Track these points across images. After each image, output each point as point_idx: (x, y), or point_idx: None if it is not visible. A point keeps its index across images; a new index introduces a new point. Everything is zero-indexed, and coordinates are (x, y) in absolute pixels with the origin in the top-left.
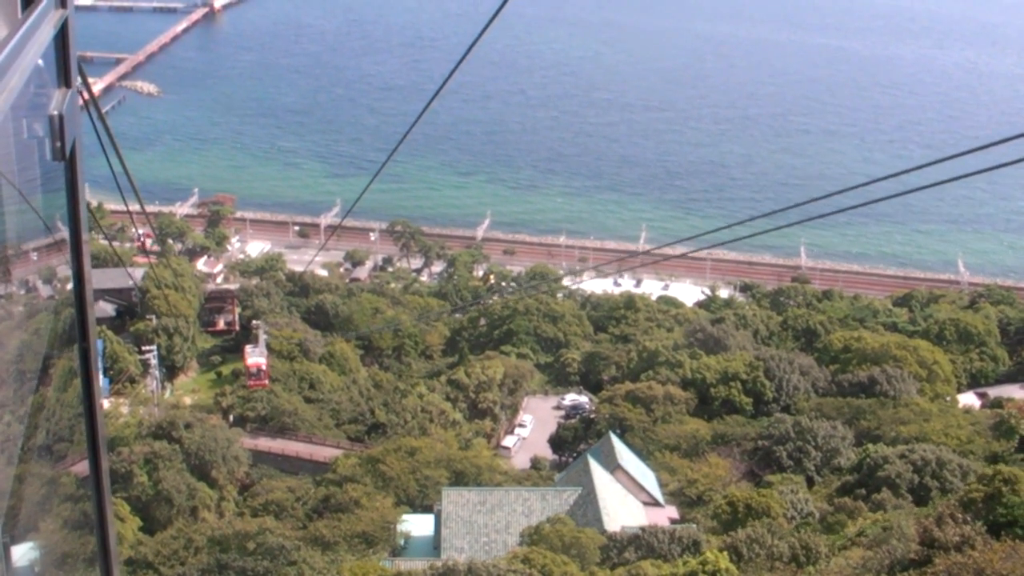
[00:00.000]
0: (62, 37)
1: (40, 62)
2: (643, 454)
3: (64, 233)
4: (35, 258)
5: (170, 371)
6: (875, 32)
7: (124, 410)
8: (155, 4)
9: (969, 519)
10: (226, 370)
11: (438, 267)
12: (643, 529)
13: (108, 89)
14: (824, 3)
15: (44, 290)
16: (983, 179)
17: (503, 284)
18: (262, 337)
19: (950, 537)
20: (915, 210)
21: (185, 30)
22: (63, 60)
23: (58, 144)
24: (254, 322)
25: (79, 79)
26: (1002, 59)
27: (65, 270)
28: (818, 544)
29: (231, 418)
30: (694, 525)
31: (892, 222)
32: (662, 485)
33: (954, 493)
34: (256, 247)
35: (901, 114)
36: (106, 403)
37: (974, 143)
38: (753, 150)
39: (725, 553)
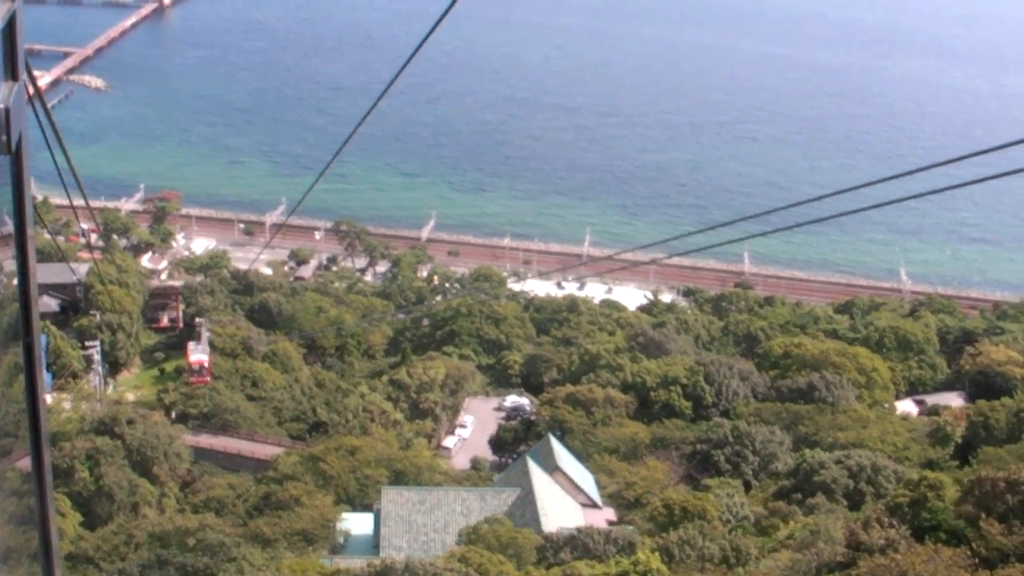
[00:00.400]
0: (9, 30)
1: None
2: (582, 456)
3: (9, 227)
4: None
5: (113, 367)
6: (825, 41)
7: (67, 405)
8: None
9: (895, 523)
10: (169, 367)
11: (383, 267)
12: (579, 530)
13: (55, 83)
14: (775, 12)
15: None
16: (925, 187)
17: (448, 285)
18: (205, 335)
19: (875, 541)
20: (859, 218)
21: (134, 25)
22: (10, 53)
23: (3, 138)
24: (197, 320)
25: (26, 73)
26: (949, 71)
27: (10, 264)
28: (748, 546)
29: (173, 415)
30: (631, 527)
31: (836, 230)
32: (600, 487)
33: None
34: (201, 244)
35: (848, 123)
36: (49, 398)
37: (919, 154)
38: (700, 157)
39: (657, 554)
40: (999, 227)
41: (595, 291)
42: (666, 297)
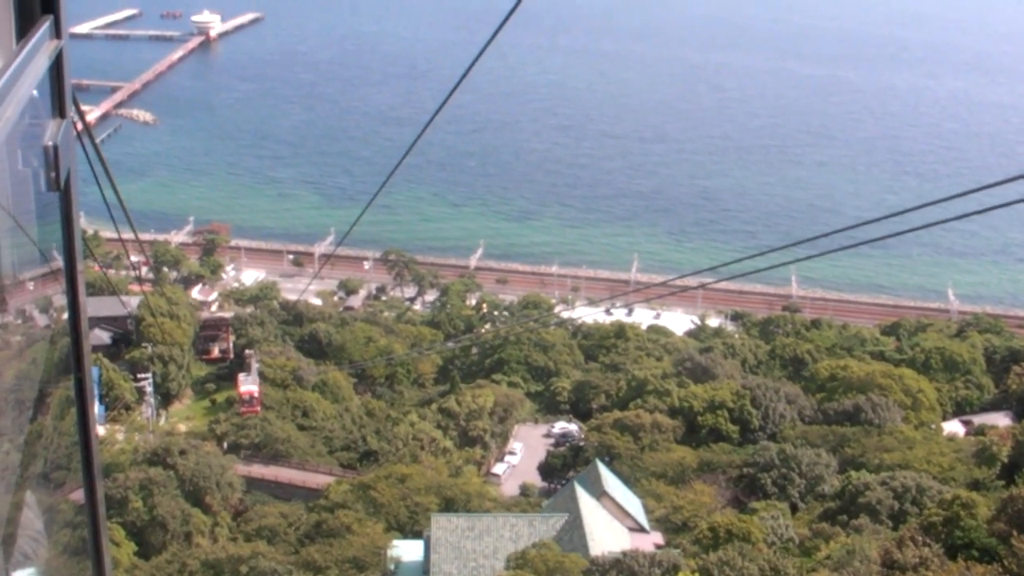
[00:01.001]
0: (57, 68)
1: (35, 93)
2: (630, 481)
3: (59, 263)
4: (31, 288)
5: (165, 398)
6: (868, 61)
7: (120, 436)
8: (151, 32)
9: (929, 542)
10: (220, 398)
11: (431, 296)
12: (624, 553)
13: (104, 117)
14: (817, 32)
15: (40, 319)
16: (974, 207)
17: (497, 313)
18: (254, 365)
19: (909, 559)
20: (906, 239)
21: (181, 58)
22: (58, 91)
23: (53, 175)
24: (247, 351)
25: (73, 109)
26: (994, 89)
27: (61, 299)
28: (787, 566)
29: (225, 445)
30: (677, 551)
31: (883, 252)
32: (648, 512)
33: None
34: (251, 276)
35: (893, 144)
36: (102, 430)
37: (964, 173)
38: (746, 181)
39: (697, 574)
40: None
41: (643, 317)
42: (713, 322)
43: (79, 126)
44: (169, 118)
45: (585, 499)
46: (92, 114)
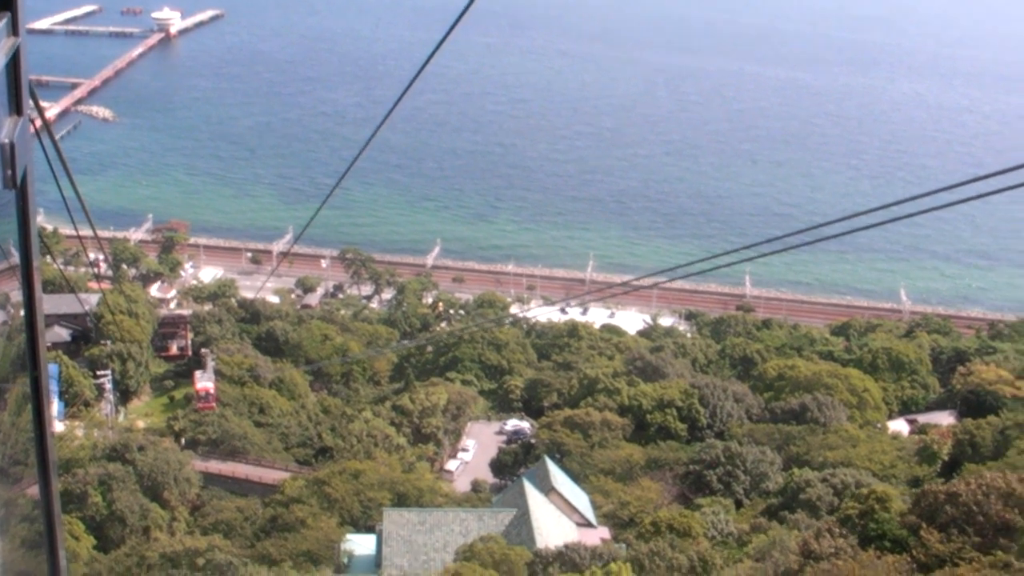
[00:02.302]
0: (13, 65)
1: None
2: (580, 478)
3: (16, 260)
4: None
5: (124, 395)
6: (826, 64)
7: (79, 433)
8: (111, 28)
9: (845, 533)
10: (178, 394)
11: (388, 294)
12: (567, 546)
13: (64, 114)
14: (776, 35)
15: (0, 316)
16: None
17: (453, 312)
18: (210, 364)
19: (825, 549)
20: (859, 240)
21: (141, 55)
22: (14, 88)
23: (8, 172)
24: (203, 350)
25: (31, 106)
26: (950, 92)
27: (18, 296)
28: (715, 557)
29: (183, 441)
30: (624, 545)
31: (837, 252)
32: (596, 507)
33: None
34: (209, 273)
35: (849, 145)
36: (62, 426)
37: (920, 175)
38: (701, 181)
39: (628, 564)
40: (998, 248)
41: (597, 316)
42: (667, 321)
43: (38, 123)
44: (128, 115)
45: (533, 495)
46: (51, 111)
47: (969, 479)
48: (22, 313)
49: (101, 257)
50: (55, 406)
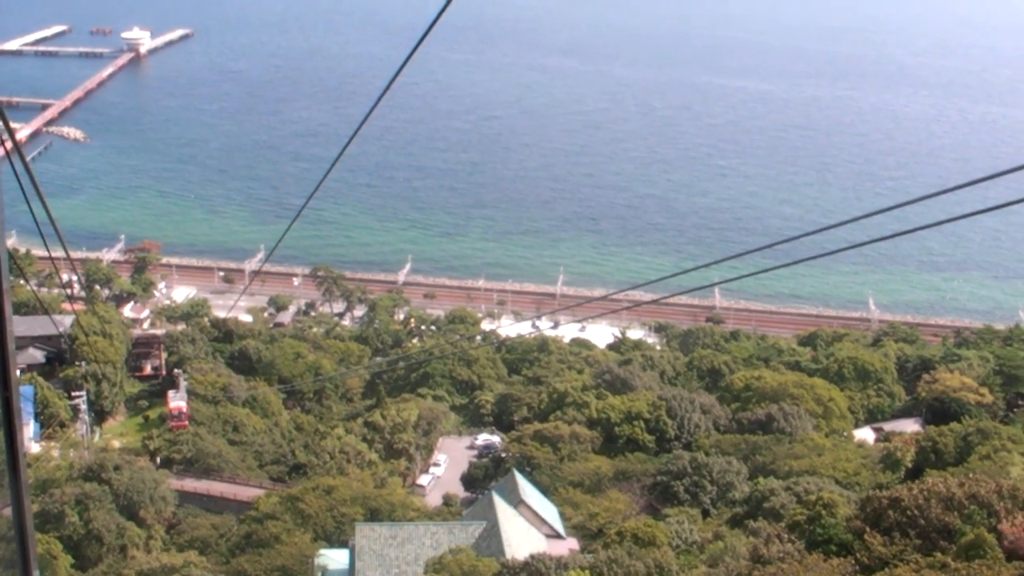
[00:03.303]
0: None
1: None
2: (549, 490)
3: None
4: None
5: (99, 415)
6: (794, 76)
7: (55, 453)
8: (81, 49)
9: (793, 539)
10: (153, 414)
11: (360, 311)
12: (532, 557)
13: (35, 135)
14: (744, 47)
15: None
16: (893, 220)
17: (424, 328)
18: (183, 383)
19: (773, 554)
20: (827, 245)
21: (111, 75)
22: None
23: None
24: (175, 371)
25: (1, 127)
26: (917, 101)
27: None
28: (671, 563)
29: (158, 460)
30: (591, 555)
31: (805, 263)
32: (565, 519)
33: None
34: (182, 292)
35: (818, 157)
36: (37, 447)
37: (888, 184)
38: (671, 193)
39: (587, 572)
40: (966, 257)
41: (568, 330)
42: (637, 334)
43: (8, 144)
44: (99, 135)
45: (502, 507)
46: (23, 132)
47: (912, 485)
48: None
49: (74, 278)
50: (31, 427)
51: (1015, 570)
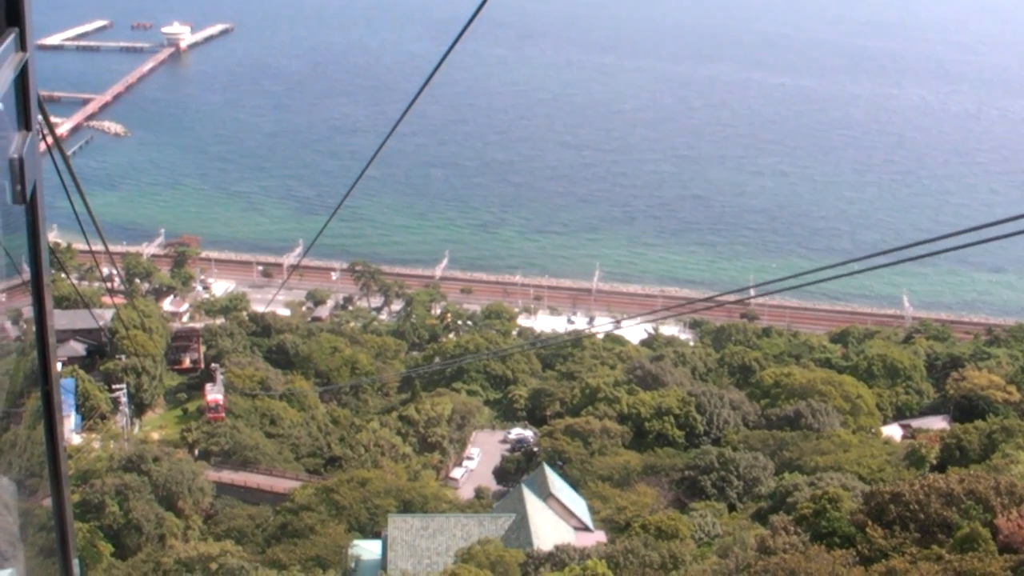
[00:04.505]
0: (22, 80)
1: (0, 105)
2: (579, 484)
3: (27, 275)
4: (2, 299)
5: (139, 408)
6: (833, 71)
7: (96, 445)
8: (122, 44)
9: (799, 531)
10: (191, 407)
11: (397, 306)
12: (557, 547)
13: (76, 129)
14: (783, 42)
15: (12, 331)
16: (930, 217)
17: (461, 323)
18: (219, 377)
19: (779, 545)
20: (865, 247)
21: (151, 70)
22: (23, 103)
23: (18, 187)
24: (213, 365)
25: (40, 121)
26: (956, 98)
27: (31, 311)
28: (684, 553)
29: (196, 452)
30: (609, 546)
31: (840, 256)
32: (594, 512)
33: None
34: (221, 286)
35: (855, 155)
36: (79, 438)
37: (926, 183)
38: (708, 191)
39: (604, 561)
40: (1000, 253)
41: (603, 325)
42: (671, 330)
43: (49, 138)
44: (140, 130)
45: (531, 500)
46: (64, 126)
47: (913, 480)
48: (34, 328)
49: (115, 272)
50: (72, 419)
51: (1006, 562)
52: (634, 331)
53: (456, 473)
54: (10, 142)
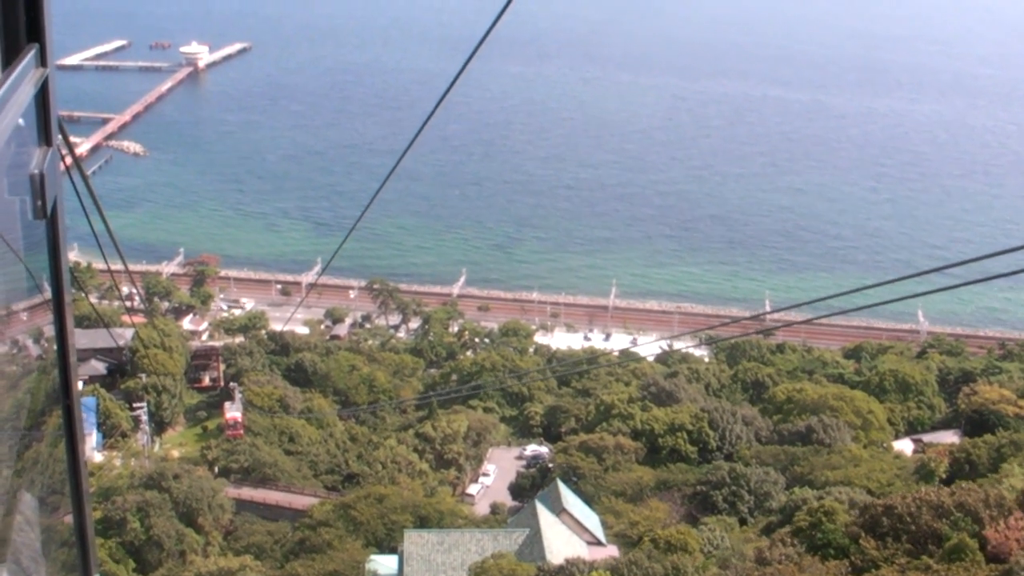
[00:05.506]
0: (42, 96)
1: (21, 121)
2: (593, 499)
3: (48, 292)
4: (23, 317)
5: (159, 426)
6: (850, 86)
7: (117, 462)
8: (140, 63)
9: (795, 543)
10: (211, 424)
11: (415, 324)
12: (568, 561)
13: (95, 149)
14: (800, 57)
15: (33, 349)
16: (943, 233)
17: (478, 340)
18: (238, 396)
19: (776, 556)
20: (880, 260)
21: (170, 89)
22: (44, 119)
23: (39, 203)
24: (231, 383)
25: (60, 137)
26: (973, 112)
27: (51, 329)
28: (686, 565)
29: (216, 469)
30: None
31: (856, 273)
32: (607, 527)
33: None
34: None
35: (873, 170)
36: (100, 456)
37: (943, 198)
38: (725, 208)
39: (609, 573)
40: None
41: (620, 342)
42: (683, 344)
43: (67, 157)
44: (158, 150)
45: (545, 515)
46: (83, 146)
47: (905, 493)
48: (55, 346)
49: (134, 291)
50: (93, 437)
51: (991, 571)
52: (649, 348)
53: (472, 489)
54: (31, 157)
